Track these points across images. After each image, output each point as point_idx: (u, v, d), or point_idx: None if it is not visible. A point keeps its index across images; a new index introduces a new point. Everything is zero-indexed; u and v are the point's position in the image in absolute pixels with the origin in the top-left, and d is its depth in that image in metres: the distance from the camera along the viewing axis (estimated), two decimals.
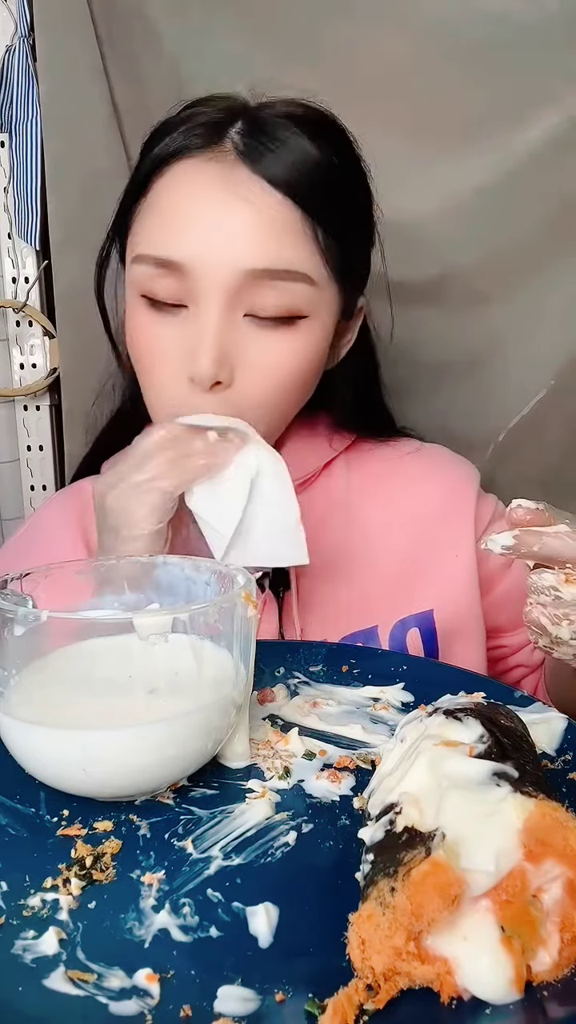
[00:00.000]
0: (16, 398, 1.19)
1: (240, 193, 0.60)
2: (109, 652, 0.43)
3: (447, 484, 0.76)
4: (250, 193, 0.60)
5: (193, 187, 0.61)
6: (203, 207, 0.60)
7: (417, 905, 0.29)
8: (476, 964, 0.29)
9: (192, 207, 0.61)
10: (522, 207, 0.94)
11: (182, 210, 0.61)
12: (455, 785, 0.34)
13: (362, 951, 0.30)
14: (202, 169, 0.61)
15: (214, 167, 0.61)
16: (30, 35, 1.00)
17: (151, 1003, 0.29)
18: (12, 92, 1.03)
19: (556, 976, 0.30)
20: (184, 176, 0.62)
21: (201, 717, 0.41)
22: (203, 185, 0.61)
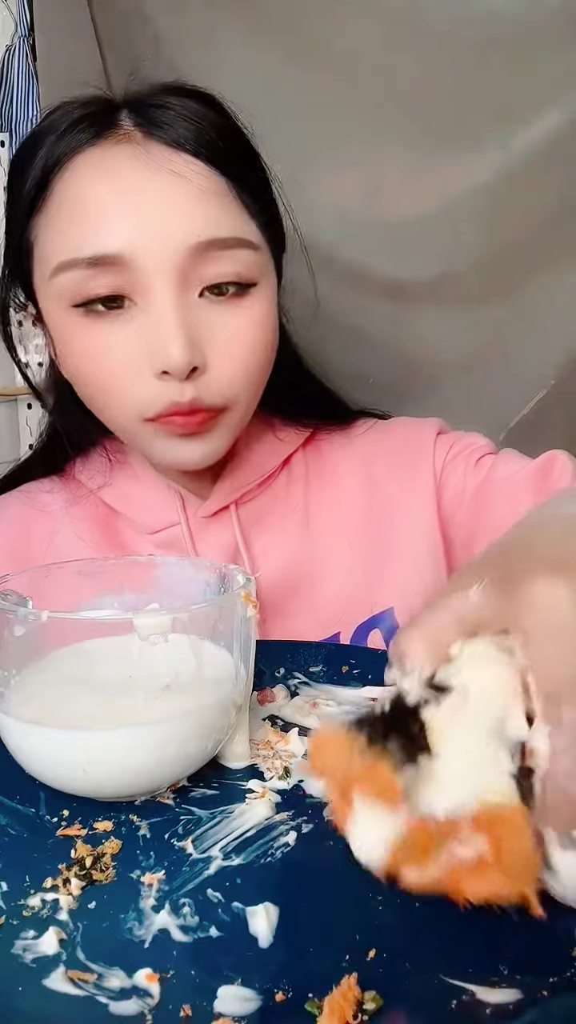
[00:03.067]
0: (18, 397, 1.19)
1: (164, 167, 0.56)
2: (109, 652, 0.43)
3: (400, 449, 0.72)
4: (173, 165, 0.57)
5: (110, 172, 0.57)
6: (129, 189, 0.56)
7: (359, 780, 0.32)
8: (366, 832, 0.32)
9: (115, 192, 0.56)
10: (522, 207, 0.94)
11: (103, 199, 0.56)
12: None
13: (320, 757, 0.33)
14: (112, 153, 0.57)
15: (125, 148, 0.57)
16: (30, 35, 1.00)
17: (151, 1003, 0.29)
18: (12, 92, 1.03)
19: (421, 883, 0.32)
20: (93, 166, 0.57)
21: (201, 717, 0.41)
22: (120, 167, 0.57)
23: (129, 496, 0.70)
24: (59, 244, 0.58)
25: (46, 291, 0.60)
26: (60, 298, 0.58)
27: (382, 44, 0.92)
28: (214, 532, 0.69)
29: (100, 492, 0.71)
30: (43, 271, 0.59)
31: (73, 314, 0.58)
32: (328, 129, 0.93)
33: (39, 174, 0.59)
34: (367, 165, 0.96)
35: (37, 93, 1.01)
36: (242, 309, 0.59)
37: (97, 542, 0.69)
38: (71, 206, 0.57)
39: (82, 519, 0.70)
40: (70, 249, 0.57)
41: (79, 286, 0.57)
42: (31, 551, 0.69)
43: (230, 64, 0.93)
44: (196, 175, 0.57)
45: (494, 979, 0.30)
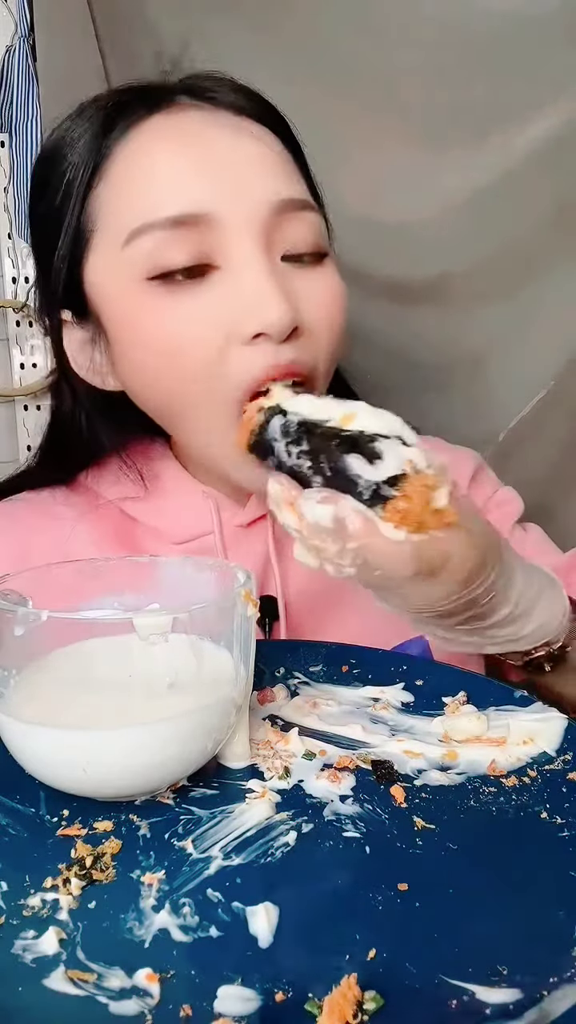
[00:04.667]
0: (16, 398, 1.19)
1: (241, 129, 0.56)
2: (109, 652, 0.43)
3: None
4: (249, 128, 0.56)
5: (182, 135, 0.55)
6: (207, 148, 0.54)
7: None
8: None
9: (192, 152, 0.54)
10: (522, 207, 0.94)
11: (178, 160, 0.54)
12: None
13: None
14: (181, 117, 0.56)
15: (196, 114, 0.56)
16: (30, 35, 1.01)
17: (151, 1003, 0.29)
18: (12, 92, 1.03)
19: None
20: (162, 131, 0.55)
21: (201, 717, 0.41)
22: (194, 129, 0.55)
23: (159, 507, 0.67)
24: (132, 209, 0.54)
25: (113, 268, 0.56)
26: (133, 270, 0.55)
27: (382, 44, 0.92)
28: (248, 541, 0.67)
29: (122, 503, 0.67)
30: (111, 246, 0.56)
31: (147, 288, 0.54)
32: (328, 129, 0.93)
33: (95, 149, 0.56)
34: (367, 165, 0.96)
35: (37, 93, 1.01)
36: (323, 276, 0.58)
37: (113, 551, 0.66)
38: (143, 168, 0.55)
39: (97, 529, 0.67)
40: (147, 211, 0.54)
41: (157, 253, 0.54)
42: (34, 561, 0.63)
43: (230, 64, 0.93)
44: (268, 137, 0.57)
45: (494, 979, 0.30)
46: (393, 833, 0.39)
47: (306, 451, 0.45)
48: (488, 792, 0.42)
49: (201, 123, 0.56)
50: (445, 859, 0.37)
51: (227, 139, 0.55)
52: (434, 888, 0.35)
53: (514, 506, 0.74)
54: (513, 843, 0.38)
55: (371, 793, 0.42)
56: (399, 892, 0.35)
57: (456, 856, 0.37)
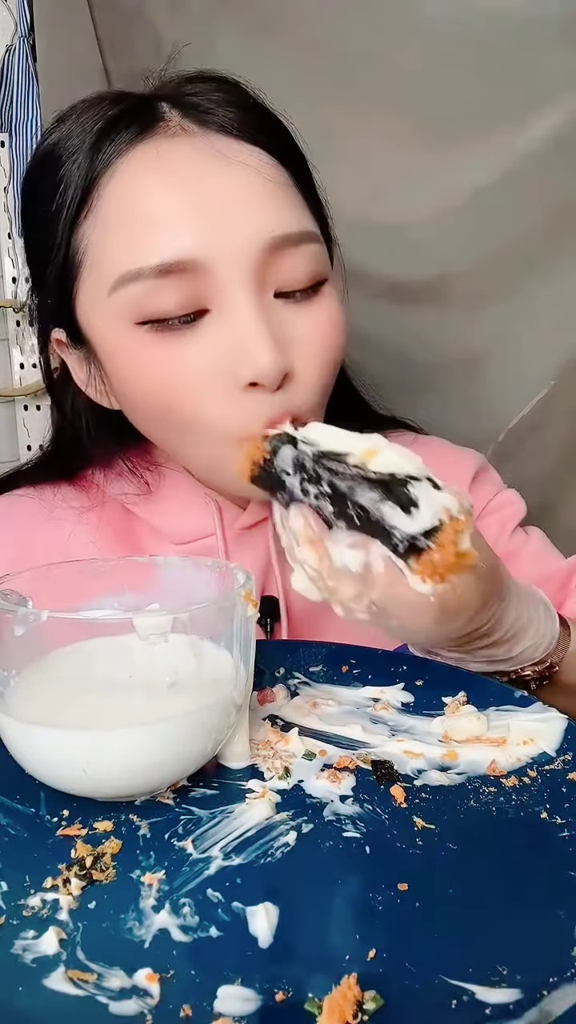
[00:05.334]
0: (16, 398, 1.19)
1: (231, 157, 0.52)
2: (109, 652, 0.43)
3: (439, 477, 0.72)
4: (238, 155, 0.52)
5: (167, 170, 0.52)
6: (193, 186, 0.51)
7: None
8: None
9: (178, 191, 0.51)
10: (522, 207, 0.94)
11: (164, 200, 0.51)
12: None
13: None
14: (168, 147, 0.52)
15: (182, 141, 0.52)
16: (30, 35, 1.01)
17: (151, 1003, 0.29)
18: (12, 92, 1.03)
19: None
20: (147, 164, 0.52)
21: (201, 717, 0.41)
22: (179, 162, 0.52)
23: (162, 507, 0.67)
24: (119, 253, 0.52)
25: (101, 308, 0.54)
26: (122, 315, 0.53)
27: (382, 44, 0.92)
28: (249, 545, 0.67)
29: (124, 500, 0.67)
30: (98, 286, 0.54)
31: (138, 332, 0.53)
32: (328, 129, 0.93)
33: (83, 176, 0.53)
34: (367, 165, 0.95)
35: (37, 93, 1.01)
36: (317, 308, 0.55)
37: (115, 550, 0.66)
38: (129, 208, 0.52)
39: (99, 526, 0.67)
40: (133, 259, 0.51)
41: (145, 300, 0.52)
42: (36, 556, 0.65)
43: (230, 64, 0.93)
44: (261, 164, 0.53)
45: (494, 979, 0.30)
46: (393, 833, 0.39)
47: (329, 494, 0.41)
48: (488, 792, 0.42)
49: (188, 153, 0.53)
50: (445, 859, 0.37)
51: (216, 174, 0.52)
52: (434, 888, 0.35)
53: (516, 508, 0.73)
54: (513, 843, 0.38)
55: (371, 793, 0.42)
56: (399, 892, 0.35)
57: (456, 856, 0.37)
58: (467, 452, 0.76)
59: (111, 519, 0.68)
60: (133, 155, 0.53)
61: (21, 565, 0.46)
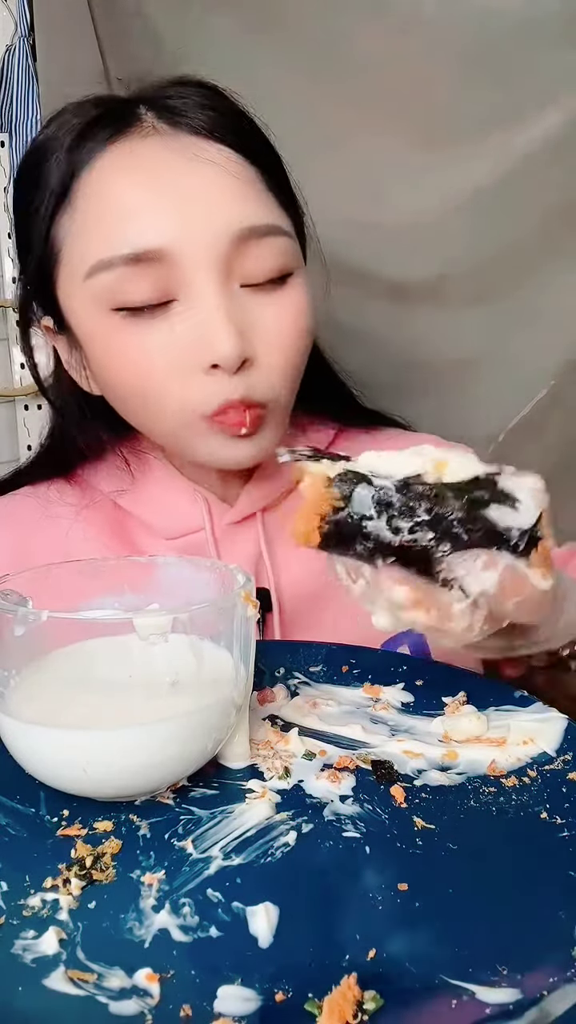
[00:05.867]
0: (16, 398, 1.19)
1: (198, 155, 0.56)
2: (109, 652, 0.43)
3: None
4: (207, 153, 0.56)
5: (139, 167, 0.56)
6: (163, 181, 0.55)
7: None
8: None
9: (149, 186, 0.55)
10: (522, 207, 0.94)
11: (139, 192, 0.55)
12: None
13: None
14: (142, 146, 0.56)
15: (152, 141, 0.56)
16: (30, 35, 1.01)
17: (151, 1003, 0.29)
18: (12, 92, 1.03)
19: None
20: (121, 162, 0.56)
21: (201, 717, 0.41)
22: (151, 160, 0.56)
23: (151, 502, 0.69)
24: (93, 243, 0.56)
25: (79, 295, 0.58)
26: (97, 301, 0.57)
27: (382, 44, 0.92)
28: (239, 539, 0.68)
29: (117, 497, 0.69)
30: (75, 274, 0.58)
31: (112, 317, 0.57)
32: (328, 129, 0.93)
33: (63, 173, 0.57)
34: (367, 165, 0.95)
35: (37, 93, 1.01)
36: (283, 298, 0.59)
37: (110, 546, 0.67)
38: (103, 202, 0.56)
39: (94, 523, 0.68)
40: (106, 247, 0.55)
41: (118, 287, 0.55)
42: (36, 556, 0.67)
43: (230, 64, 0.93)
44: (229, 162, 0.56)
45: (494, 979, 0.30)
46: (393, 833, 0.39)
47: (427, 521, 0.38)
48: (488, 792, 0.42)
49: (159, 152, 0.56)
50: (445, 859, 0.37)
51: (185, 169, 0.56)
52: (434, 888, 0.35)
53: None
54: (513, 843, 0.38)
55: (371, 793, 0.42)
56: (399, 892, 0.35)
57: (456, 856, 0.37)
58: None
59: (106, 517, 0.69)
60: (109, 153, 0.57)
61: (21, 565, 0.47)
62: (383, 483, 0.38)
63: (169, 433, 0.61)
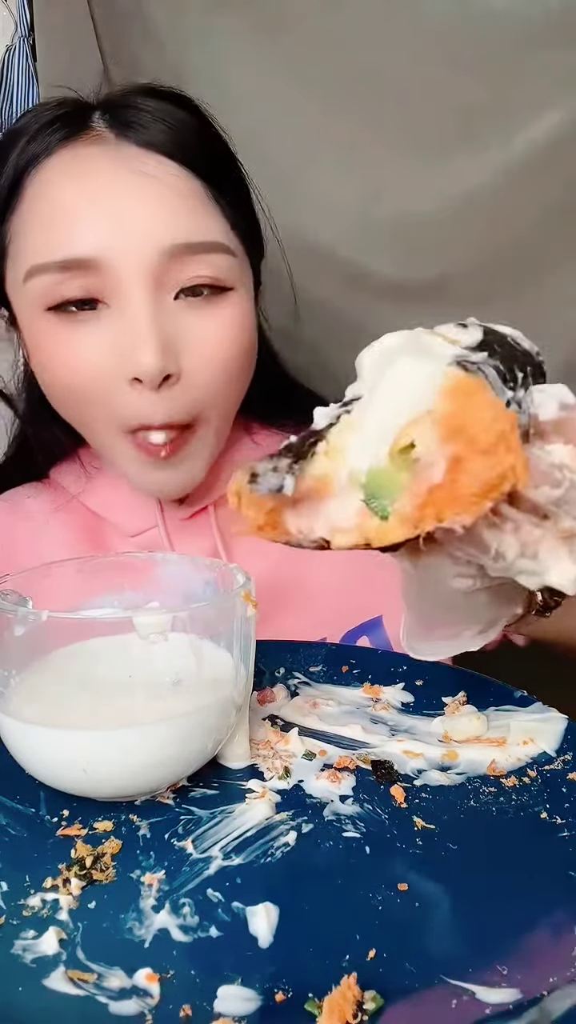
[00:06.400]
0: None
1: (137, 168, 0.56)
2: (109, 652, 0.43)
3: None
4: (146, 167, 0.56)
5: (81, 174, 0.56)
6: (101, 191, 0.56)
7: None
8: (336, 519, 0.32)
9: (87, 194, 0.56)
10: (522, 207, 0.94)
11: (74, 201, 0.56)
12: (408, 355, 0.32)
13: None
14: (85, 155, 0.57)
15: (97, 150, 0.57)
16: (30, 35, 1.00)
17: (151, 1003, 0.29)
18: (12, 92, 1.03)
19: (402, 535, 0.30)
20: (65, 167, 0.57)
21: (201, 717, 0.41)
22: (93, 169, 0.56)
23: (108, 500, 0.70)
24: (32, 247, 0.57)
25: (20, 295, 0.59)
26: (33, 302, 0.57)
27: (382, 44, 0.92)
28: (192, 535, 0.69)
29: (81, 497, 0.70)
30: (16, 274, 0.58)
31: (47, 318, 0.57)
32: (328, 129, 0.93)
33: (12, 175, 0.58)
34: (367, 165, 0.95)
35: (37, 93, 1.01)
36: (218, 311, 0.58)
37: (81, 547, 0.68)
38: (43, 208, 0.57)
39: (66, 525, 0.69)
40: (42, 252, 0.56)
41: (51, 289, 0.56)
42: (17, 559, 0.67)
43: (230, 64, 0.93)
44: (170, 176, 0.56)
45: (494, 979, 0.30)
46: (393, 833, 0.39)
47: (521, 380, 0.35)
48: (488, 792, 0.42)
49: (102, 162, 0.57)
50: (445, 859, 0.37)
51: (124, 182, 0.56)
52: (434, 888, 0.35)
53: None
54: (513, 843, 0.38)
55: (371, 793, 0.42)
56: (399, 892, 0.35)
57: (456, 856, 0.37)
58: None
59: (79, 519, 0.70)
60: (56, 157, 0.57)
61: (4, 568, 0.47)
62: (493, 360, 0.35)
63: (98, 444, 0.62)
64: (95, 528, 0.70)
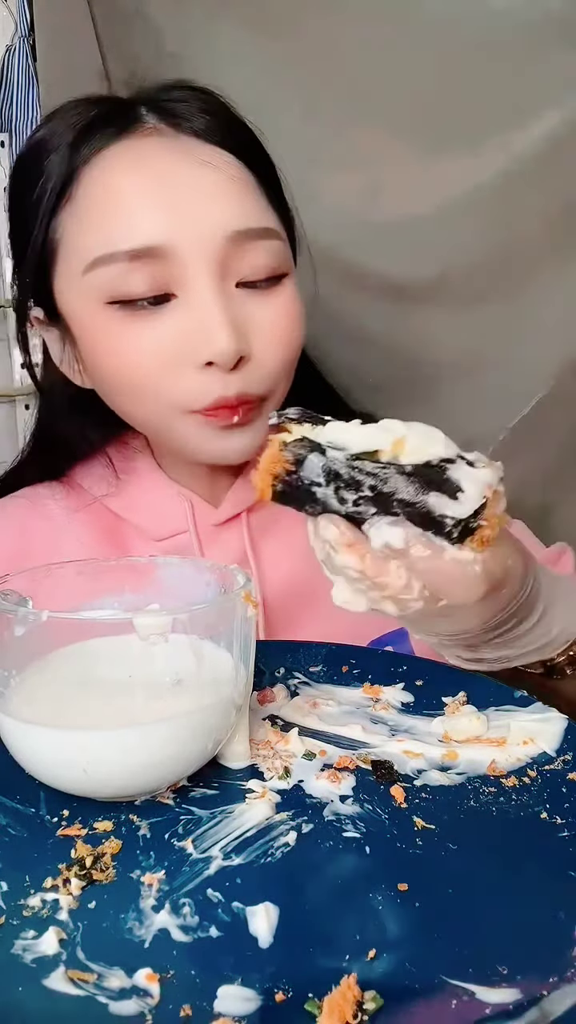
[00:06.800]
0: (16, 398, 1.19)
1: (196, 157, 0.57)
2: (109, 652, 0.43)
3: None
4: (205, 155, 0.57)
5: (141, 164, 0.57)
6: (163, 180, 0.56)
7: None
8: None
9: (149, 183, 0.56)
10: (522, 207, 0.94)
11: (136, 191, 0.56)
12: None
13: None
14: (142, 146, 0.58)
15: (155, 141, 0.58)
16: (30, 35, 1.01)
17: (151, 1003, 0.29)
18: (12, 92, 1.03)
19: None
20: (124, 159, 0.58)
21: (201, 717, 0.41)
22: (152, 158, 0.57)
23: (136, 503, 0.69)
24: (93, 238, 0.57)
25: (76, 289, 0.59)
26: (94, 295, 0.57)
27: (382, 44, 0.92)
28: (223, 540, 0.68)
29: (105, 500, 0.69)
30: (73, 268, 0.58)
31: (108, 311, 0.57)
32: (328, 129, 0.93)
33: (65, 168, 0.58)
34: (367, 165, 0.96)
35: (37, 93, 1.01)
36: (277, 299, 0.60)
37: (102, 549, 0.68)
38: (104, 199, 0.57)
39: (87, 526, 0.69)
40: (107, 243, 0.56)
41: (117, 282, 0.56)
42: (33, 558, 0.67)
43: (230, 64, 0.93)
44: (228, 166, 0.58)
45: (494, 979, 0.30)
46: (393, 833, 0.39)
47: (370, 497, 0.40)
48: (488, 792, 0.42)
49: (161, 152, 0.58)
50: (445, 859, 0.37)
51: (185, 171, 0.57)
52: (434, 888, 0.35)
53: None
54: (513, 843, 0.38)
55: (371, 793, 0.42)
56: (399, 892, 0.35)
57: (456, 856, 0.37)
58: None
59: (100, 521, 0.69)
60: (111, 151, 0.58)
61: (19, 567, 0.47)
62: (335, 455, 0.40)
63: (160, 427, 0.62)
64: (116, 530, 0.69)
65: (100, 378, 0.62)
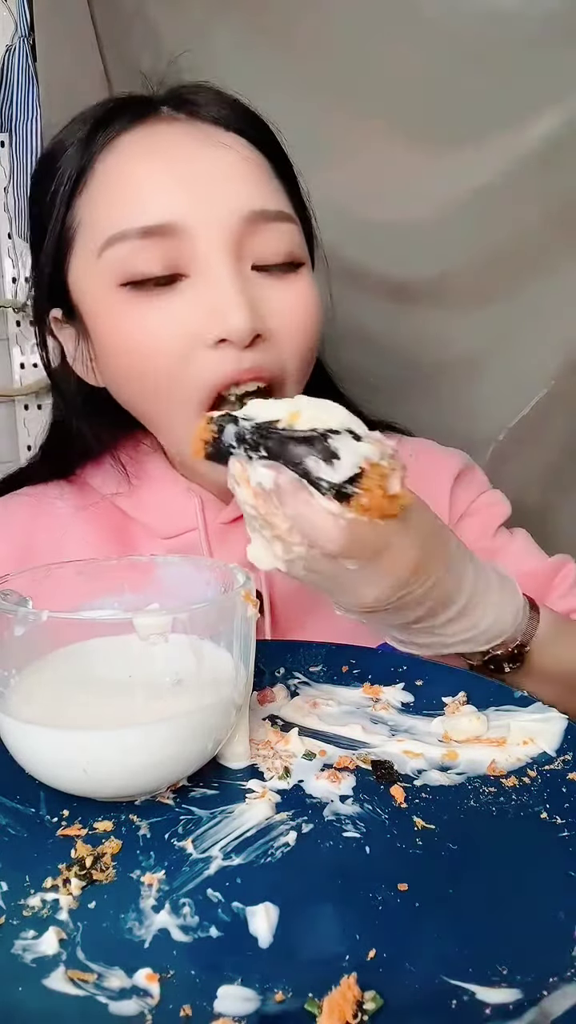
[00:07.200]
0: (16, 398, 1.19)
1: (212, 139, 0.58)
2: (109, 652, 0.43)
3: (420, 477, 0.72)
4: (223, 139, 0.58)
5: (156, 147, 0.58)
6: (178, 160, 0.57)
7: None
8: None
9: (166, 163, 0.57)
10: (522, 207, 0.94)
11: (154, 170, 0.57)
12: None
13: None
14: (159, 130, 0.59)
15: (171, 127, 0.59)
16: (30, 35, 1.01)
17: (151, 1003, 0.29)
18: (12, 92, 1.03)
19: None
20: (140, 142, 0.58)
21: (201, 717, 0.41)
22: (168, 141, 0.58)
23: (146, 502, 0.69)
24: (108, 218, 0.57)
25: (90, 273, 0.59)
26: (107, 278, 0.57)
27: (382, 44, 0.92)
28: (232, 539, 0.68)
29: (114, 498, 0.69)
30: (89, 251, 0.59)
31: (120, 293, 0.57)
32: (327, 129, 0.93)
33: (80, 159, 0.59)
34: (367, 165, 0.96)
35: (37, 93, 1.01)
36: (294, 285, 0.59)
37: (107, 547, 0.67)
38: (120, 180, 0.57)
39: (92, 524, 0.69)
40: (120, 221, 0.56)
41: (129, 260, 0.56)
42: (37, 555, 0.67)
43: (230, 64, 0.93)
44: (244, 149, 0.59)
45: (494, 979, 0.30)
46: (393, 833, 0.39)
47: (266, 457, 0.46)
48: (488, 792, 0.42)
49: (177, 135, 0.59)
50: (445, 859, 0.37)
51: (201, 150, 0.58)
52: (434, 888, 0.35)
53: (499, 509, 0.74)
54: (513, 843, 0.38)
55: (371, 793, 0.42)
56: (399, 892, 0.35)
57: (456, 856, 0.37)
58: (452, 452, 0.76)
59: (106, 519, 0.69)
60: (126, 138, 0.59)
61: (22, 564, 0.47)
62: (245, 424, 0.46)
63: (170, 415, 0.60)
64: (123, 529, 0.69)
65: (112, 369, 0.61)
